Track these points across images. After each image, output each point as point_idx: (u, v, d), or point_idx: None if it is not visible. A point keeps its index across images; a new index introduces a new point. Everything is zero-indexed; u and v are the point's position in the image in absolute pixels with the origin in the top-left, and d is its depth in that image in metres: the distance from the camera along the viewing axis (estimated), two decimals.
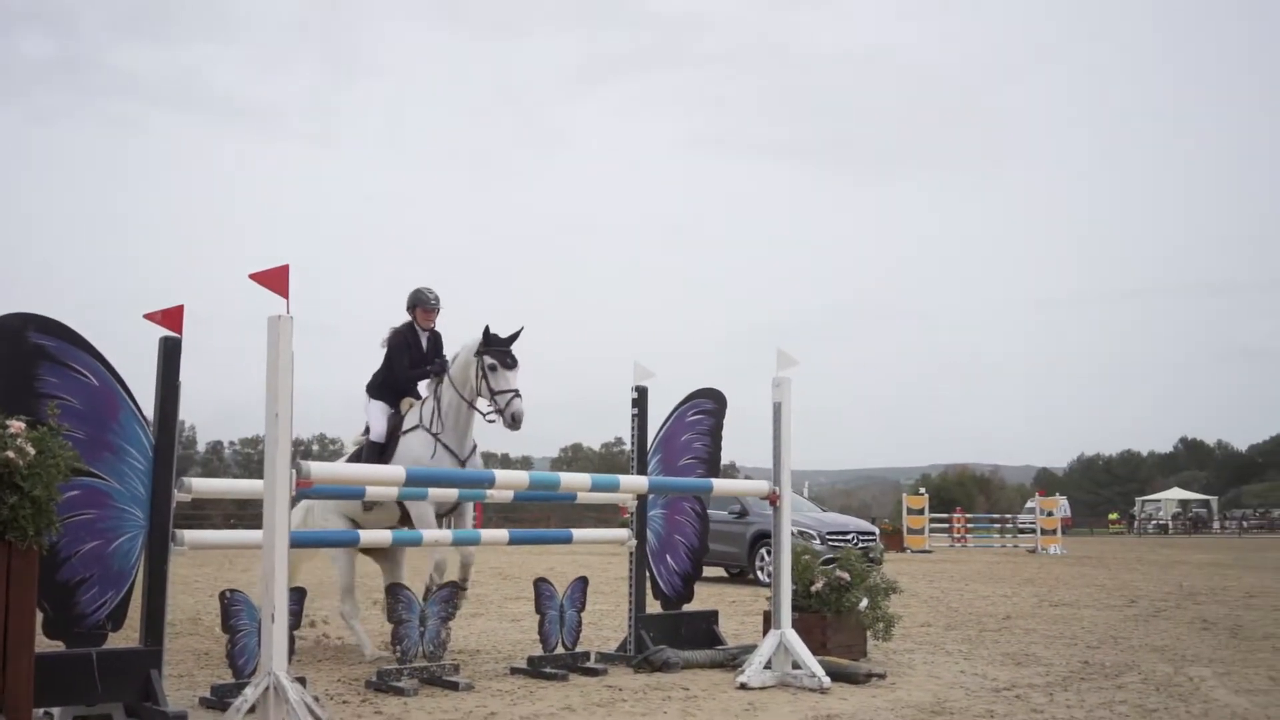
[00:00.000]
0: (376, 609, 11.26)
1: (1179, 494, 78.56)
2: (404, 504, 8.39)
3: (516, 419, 8.16)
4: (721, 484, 8.55)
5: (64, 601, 5.91)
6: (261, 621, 5.70)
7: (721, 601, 13.70)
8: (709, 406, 9.14)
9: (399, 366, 9.01)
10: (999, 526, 42.90)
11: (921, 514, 35.08)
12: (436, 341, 9.18)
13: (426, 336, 9.15)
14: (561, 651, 8.11)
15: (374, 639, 9.11)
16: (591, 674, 7.93)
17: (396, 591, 7.40)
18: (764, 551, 18.03)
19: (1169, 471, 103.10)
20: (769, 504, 8.17)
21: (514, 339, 8.42)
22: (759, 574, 18.21)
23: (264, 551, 5.61)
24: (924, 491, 38.37)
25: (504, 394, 8.22)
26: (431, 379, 8.87)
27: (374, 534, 7.76)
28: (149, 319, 6.37)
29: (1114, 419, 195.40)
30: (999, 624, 11.76)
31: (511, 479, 7.21)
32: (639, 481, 7.99)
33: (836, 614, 8.75)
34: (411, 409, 8.91)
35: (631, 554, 8.65)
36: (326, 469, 6.05)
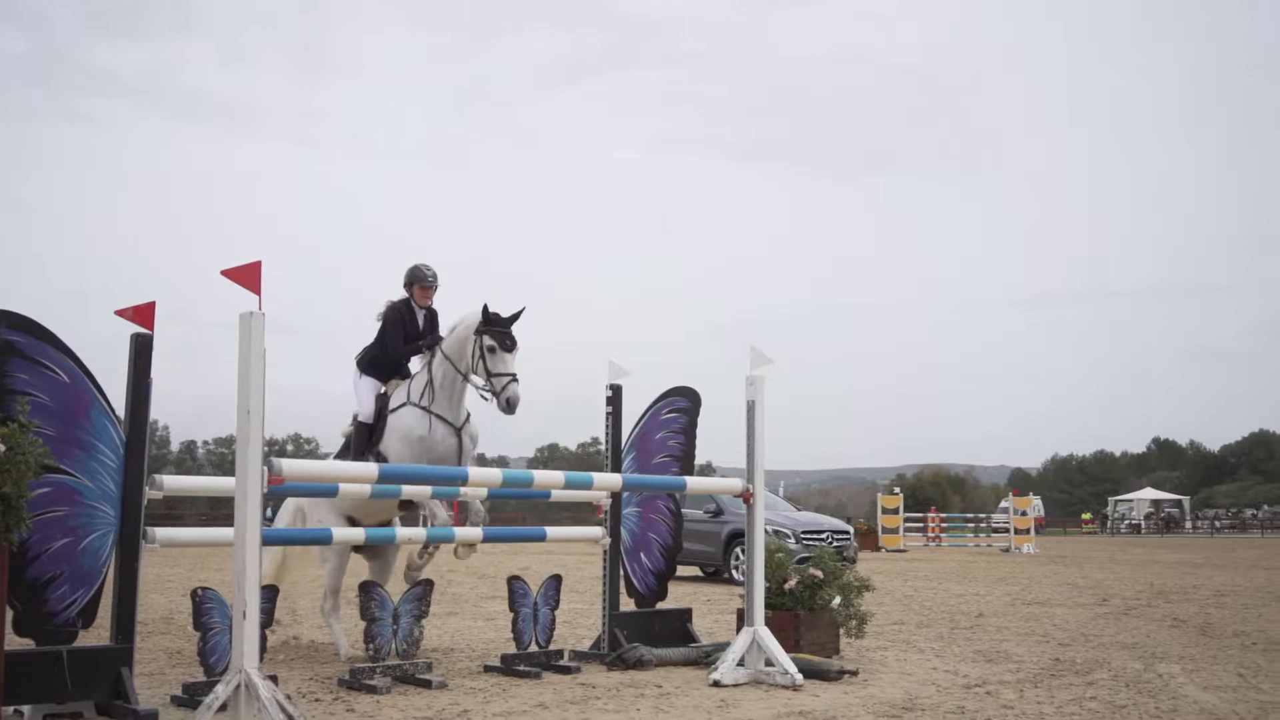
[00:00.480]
0: (353, 609, 11.21)
1: (1152, 494, 78.99)
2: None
3: (512, 404, 8.03)
4: (695, 482, 8.56)
5: (34, 599, 5.88)
6: (233, 619, 5.68)
7: (696, 600, 13.73)
8: (683, 405, 9.16)
9: (393, 342, 8.81)
10: (973, 526, 43.15)
11: (896, 513, 35.20)
12: (433, 319, 8.98)
13: (423, 314, 8.96)
14: (535, 649, 8.12)
15: (350, 639, 9.09)
16: (565, 672, 7.94)
17: (370, 589, 7.38)
18: (739, 550, 18.06)
19: (1142, 472, 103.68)
20: (743, 502, 8.19)
21: (514, 319, 8.27)
22: (734, 573, 18.25)
23: (235, 549, 5.60)
24: (899, 491, 38.49)
25: (501, 377, 8.08)
26: (424, 353, 8.69)
27: (347, 532, 7.75)
28: (120, 315, 6.35)
29: (1088, 420, 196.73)
30: (971, 622, 11.82)
31: (485, 476, 7.21)
32: (613, 479, 8.00)
33: (810, 612, 8.79)
34: (398, 387, 8.73)
35: (606, 552, 8.67)
36: (298, 466, 6.04)
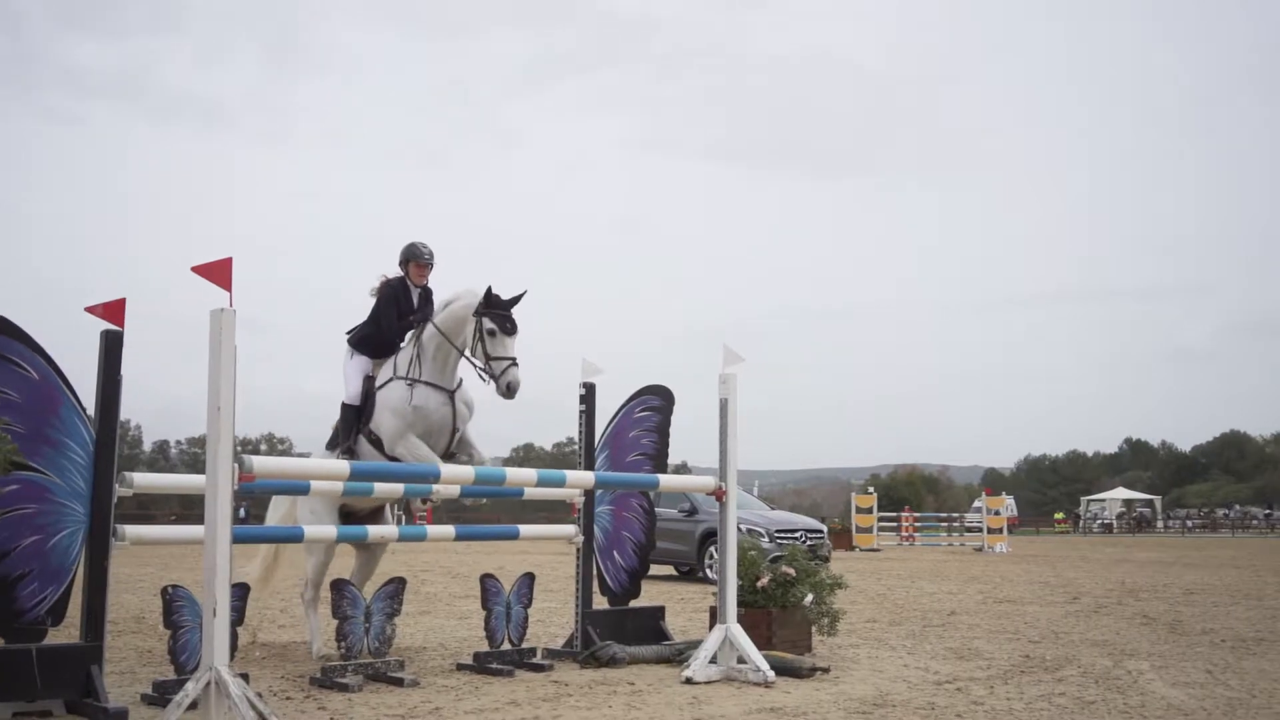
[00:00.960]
0: (325, 607, 11.18)
1: (1123, 494, 79.43)
2: (397, 456, 8.13)
3: (512, 389, 7.92)
4: (668, 480, 8.57)
5: (2, 597, 5.86)
6: (203, 617, 5.66)
7: (670, 599, 13.75)
8: (656, 403, 9.17)
9: (386, 318, 8.66)
10: (946, 526, 43.35)
11: (870, 513, 35.33)
12: (427, 298, 8.82)
13: (418, 292, 8.80)
14: (508, 647, 8.12)
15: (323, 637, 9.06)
16: (538, 669, 7.94)
17: (341, 588, 7.37)
18: (713, 549, 18.08)
19: (1114, 472, 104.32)
20: (716, 500, 8.21)
21: (516, 302, 8.15)
22: (708, 571, 18.28)
23: (205, 546, 5.58)
24: (873, 491, 38.67)
25: (501, 361, 7.96)
26: (415, 327, 8.56)
27: (317, 530, 7.73)
28: (90, 312, 6.33)
29: (1061, 420, 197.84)
30: (943, 620, 11.88)
31: (457, 473, 7.20)
32: (585, 477, 8.00)
33: (782, 609, 8.82)
34: (384, 365, 8.61)
35: (579, 550, 8.67)
36: (269, 463, 6.02)
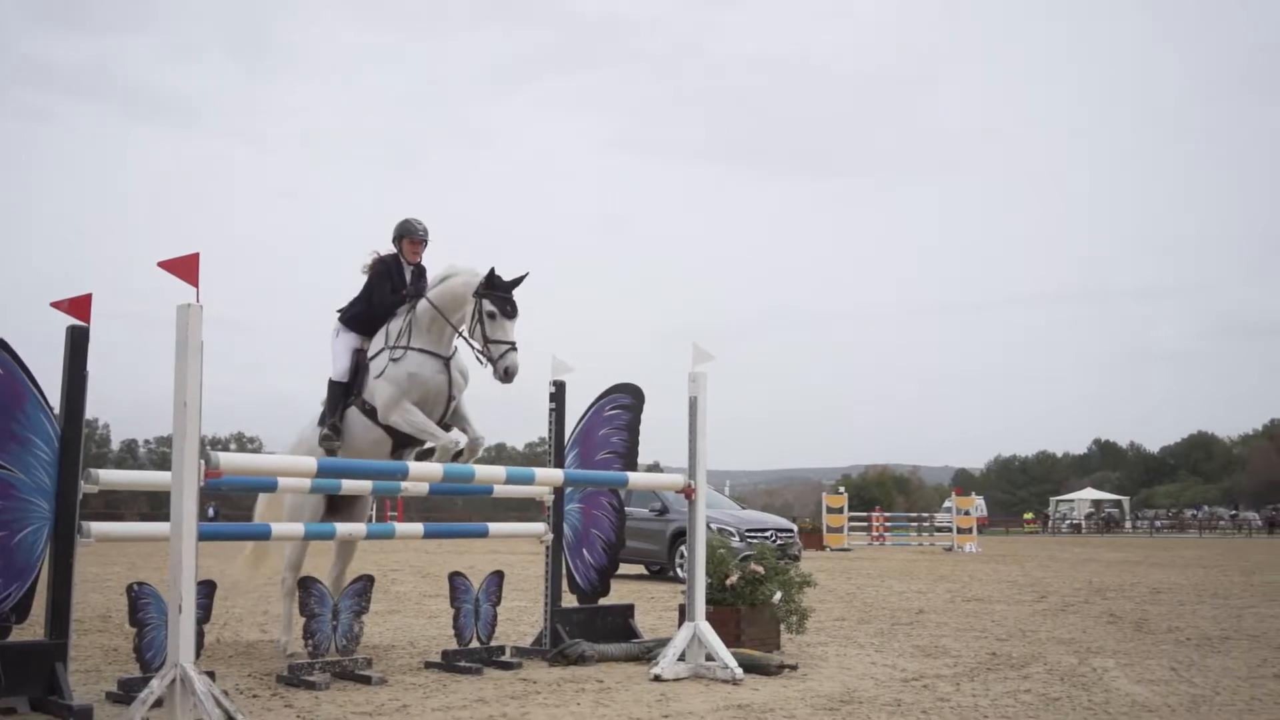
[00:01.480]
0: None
1: (1092, 494, 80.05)
2: (392, 427, 8.04)
3: (510, 373, 7.80)
4: (637, 478, 8.58)
5: None
6: (169, 614, 5.64)
7: (641, 598, 13.75)
8: (626, 401, 9.18)
9: (379, 293, 8.51)
10: (916, 525, 43.55)
11: (841, 513, 35.47)
12: (420, 275, 8.68)
13: (411, 270, 8.68)
14: (476, 645, 8.11)
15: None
16: (506, 667, 7.94)
17: (309, 585, 7.34)
18: (683, 548, 18.09)
19: (1083, 472, 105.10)
20: (685, 498, 8.22)
21: (518, 284, 8.00)
22: (678, 570, 18.31)
23: (171, 543, 5.55)
24: (843, 491, 38.80)
25: (499, 344, 7.82)
26: (409, 301, 8.40)
27: (285, 527, 7.70)
28: (56, 307, 6.29)
29: (1030, 421, 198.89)
30: (911, 618, 11.94)
31: (425, 471, 7.19)
32: (554, 474, 8.00)
33: (751, 607, 8.84)
34: (376, 335, 8.45)
35: (548, 548, 8.67)
36: (236, 460, 6.00)
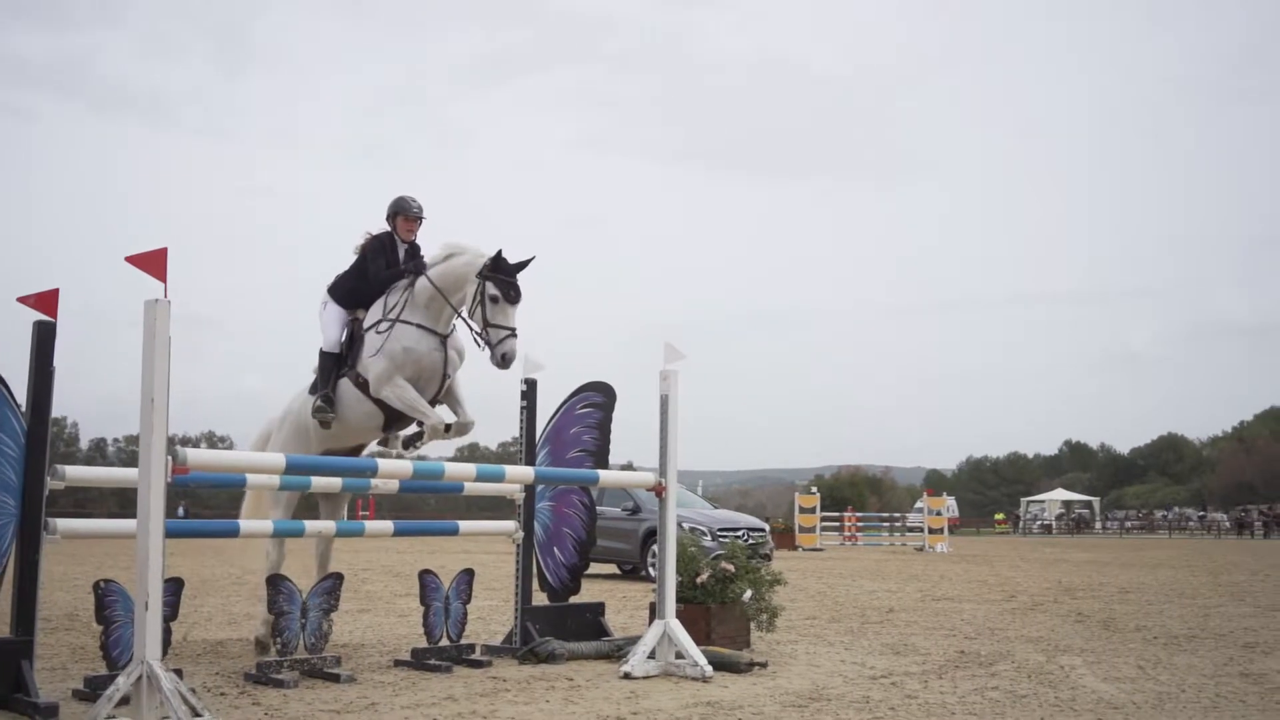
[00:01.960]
0: (258, 603, 11.09)
1: (1063, 495, 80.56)
2: (384, 402, 7.94)
3: (508, 359, 7.67)
4: (609, 475, 8.59)
5: None
6: (135, 611, 5.60)
7: (613, 597, 13.77)
8: (598, 400, 9.18)
9: (374, 268, 8.30)
10: (888, 526, 43.71)
11: (813, 513, 35.54)
12: (414, 254, 8.46)
13: (405, 248, 8.47)
14: (446, 644, 8.09)
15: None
16: (476, 666, 7.92)
17: (277, 583, 7.31)
18: (656, 548, 18.12)
19: (1054, 473, 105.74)
20: (656, 496, 8.24)
21: (523, 267, 7.85)
22: (650, 570, 18.31)
23: (138, 539, 5.52)
24: (816, 491, 38.87)
25: (499, 329, 7.68)
26: (407, 277, 8.21)
27: (254, 524, 7.66)
28: (22, 302, 6.25)
29: (1002, 422, 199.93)
30: (881, 617, 11.98)
31: (395, 468, 7.17)
32: (525, 472, 7.99)
33: (721, 605, 8.86)
34: (373, 307, 8.27)
35: (519, 546, 8.66)
36: (204, 456, 5.97)
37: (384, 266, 8.33)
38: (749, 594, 8.97)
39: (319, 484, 7.60)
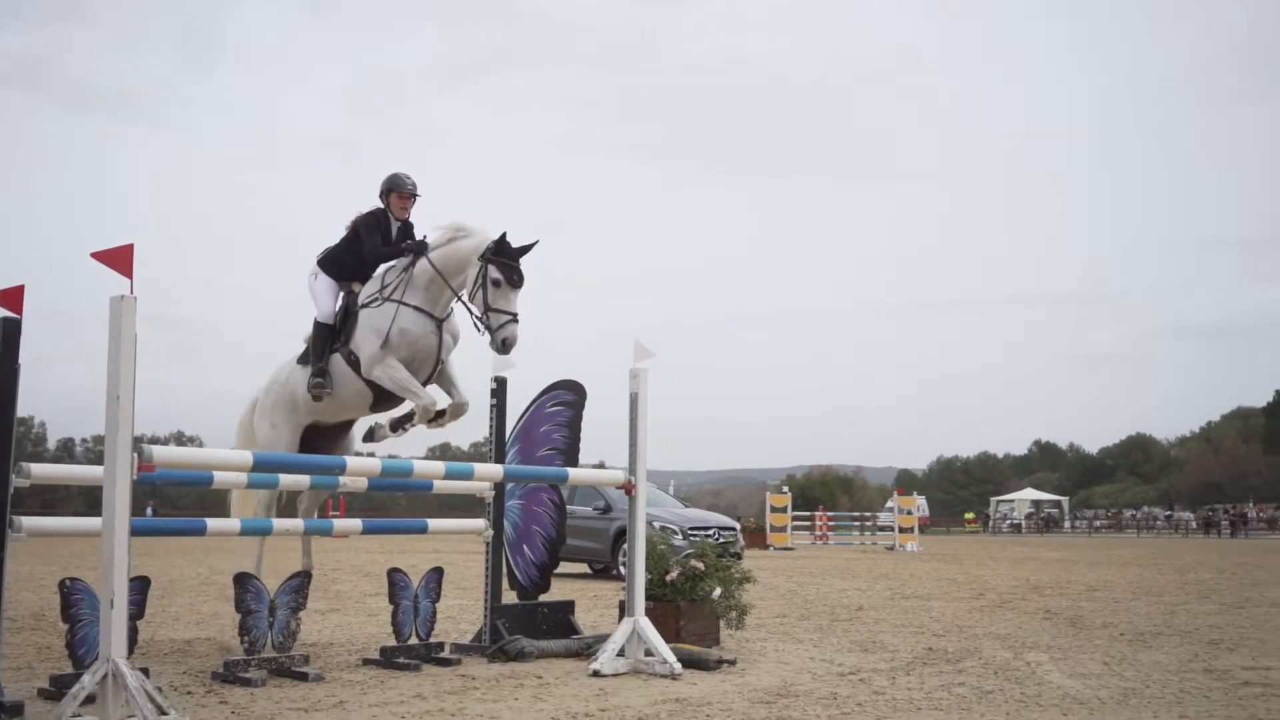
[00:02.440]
0: (226, 603, 11.04)
1: (1032, 494, 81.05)
2: (375, 382, 7.81)
3: (508, 345, 7.55)
4: (578, 474, 8.59)
5: None
6: (101, 609, 5.57)
7: (584, 596, 13.76)
8: (568, 398, 9.18)
9: (370, 243, 8.12)
10: (859, 525, 43.86)
11: (784, 512, 35.61)
12: (408, 232, 8.34)
13: (398, 226, 8.32)
14: (415, 642, 8.08)
15: (226, 634, 8.95)
16: (445, 664, 7.91)
17: (244, 581, 7.28)
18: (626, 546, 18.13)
19: (1023, 473, 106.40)
20: (625, 494, 8.25)
21: (527, 251, 7.69)
22: (621, 569, 18.28)
23: (103, 537, 5.49)
24: (787, 490, 38.99)
25: (500, 314, 7.53)
26: (406, 257, 8.03)
27: (222, 522, 7.63)
28: None
29: (972, 422, 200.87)
30: (851, 614, 12.03)
31: (363, 466, 7.15)
32: (494, 469, 7.99)
33: (691, 603, 8.88)
34: (369, 283, 8.15)
35: (488, 544, 8.65)
36: (170, 453, 5.94)
37: (379, 243, 8.17)
38: (718, 592, 9.00)
39: (287, 481, 7.56)
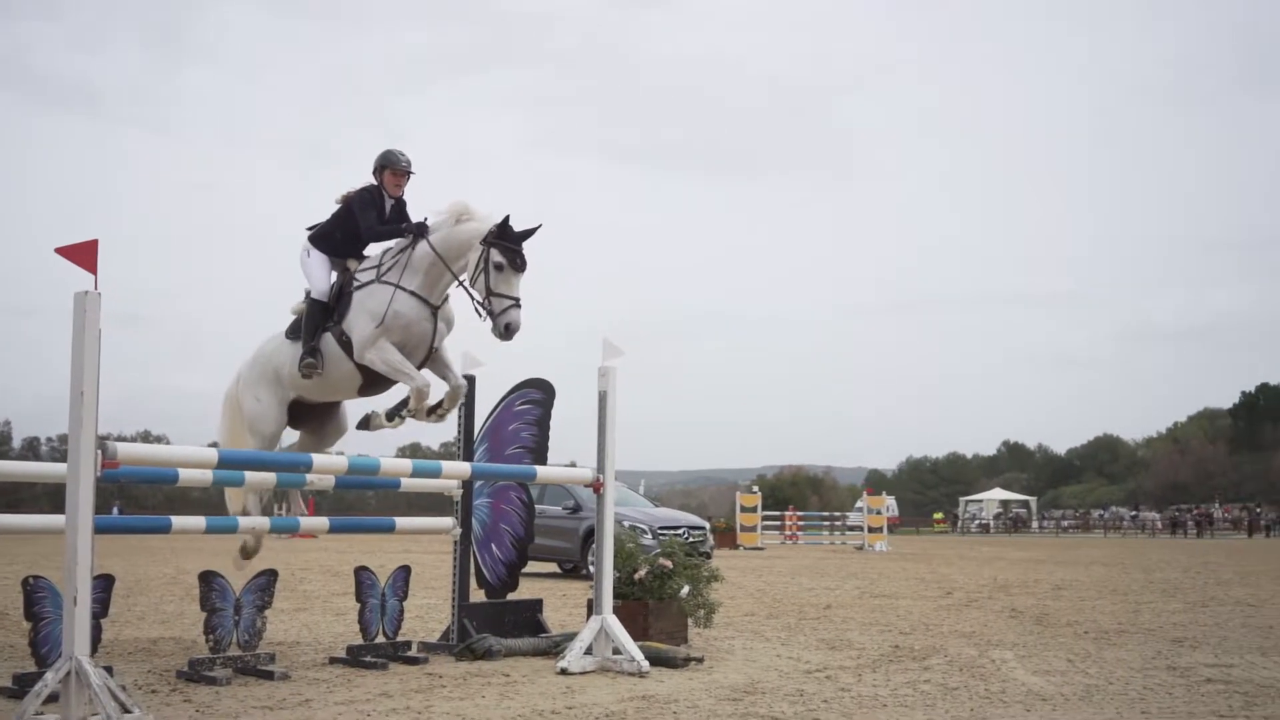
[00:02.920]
0: (192, 602, 10.98)
1: (1001, 494, 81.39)
2: (367, 366, 7.67)
3: (511, 330, 7.37)
4: (545, 472, 8.59)
5: None
6: (64, 606, 5.53)
7: (552, 595, 13.76)
8: (537, 396, 9.17)
9: (365, 222, 7.94)
10: (829, 525, 43.98)
11: (754, 512, 35.69)
12: (401, 210, 8.14)
13: (392, 204, 8.11)
14: (382, 641, 8.05)
15: (191, 632, 8.89)
16: (412, 663, 7.89)
17: (210, 579, 7.24)
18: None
19: (992, 473, 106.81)
20: (594, 492, 8.24)
21: (530, 235, 7.54)
22: (590, 568, 18.28)
23: (67, 534, 5.45)
24: (757, 490, 39.07)
25: (503, 299, 7.37)
26: (405, 238, 7.87)
27: (187, 520, 7.57)
28: None
29: (941, 422, 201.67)
30: (819, 613, 12.08)
31: (330, 463, 7.13)
32: (461, 467, 7.97)
33: (659, 601, 8.89)
34: (365, 263, 8.00)
35: (456, 542, 8.64)
36: (134, 450, 5.90)
37: (375, 220, 8.00)
38: (686, 590, 9.01)
39: (252, 480, 7.51)
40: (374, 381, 7.96)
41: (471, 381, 8.68)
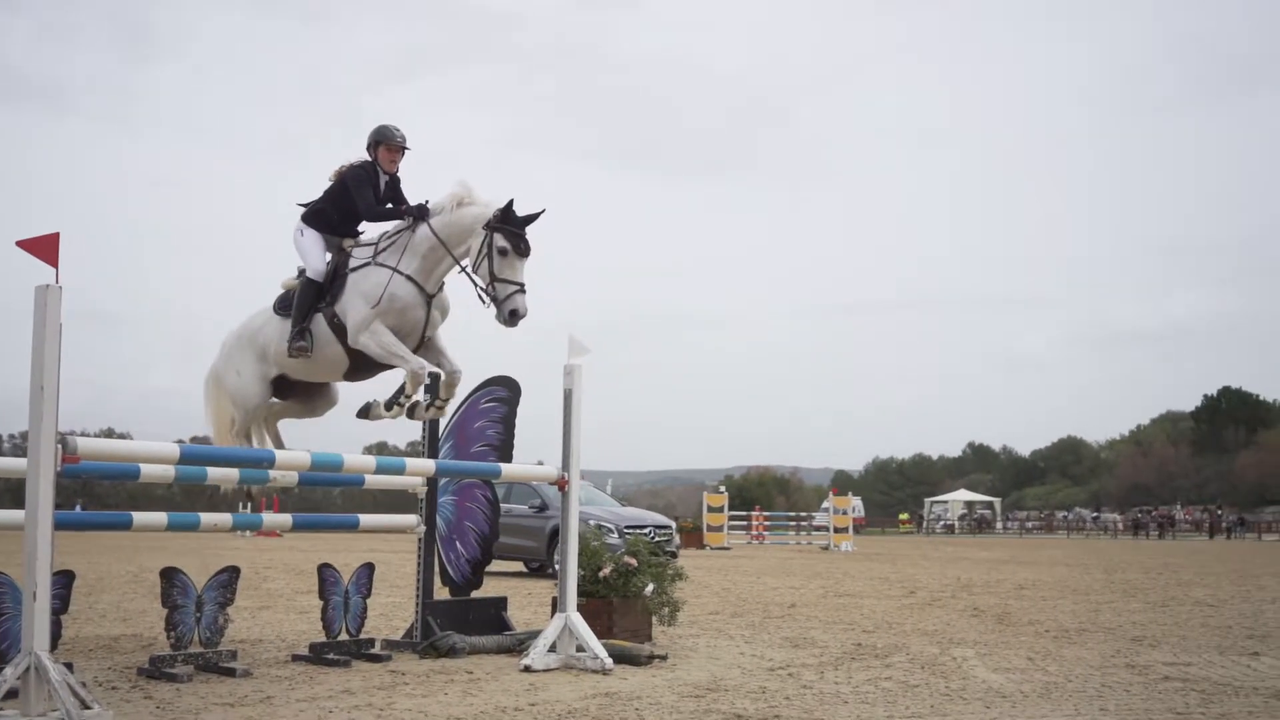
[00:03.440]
0: (154, 600, 10.92)
1: (965, 495, 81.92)
2: (359, 349, 7.52)
3: (516, 316, 7.25)
4: (510, 469, 8.59)
5: None
6: (24, 601, 5.50)
7: (518, 593, 13.75)
8: (503, 394, 9.17)
9: (363, 200, 7.75)
10: (795, 525, 44.15)
11: (721, 512, 35.77)
12: (396, 187, 7.97)
13: (386, 180, 7.93)
14: (345, 638, 8.04)
15: (154, 630, 8.84)
16: (375, 660, 7.88)
17: (171, 576, 7.21)
18: None
19: (957, 474, 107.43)
20: (559, 490, 8.26)
21: (533, 220, 7.44)
22: (557, 567, 18.31)
23: (26, 528, 5.42)
24: (724, 490, 39.16)
25: (507, 284, 7.25)
26: (405, 220, 7.73)
27: (148, 516, 7.53)
28: None
29: (907, 424, 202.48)
30: (783, 611, 12.13)
31: (292, 459, 7.10)
32: (425, 464, 7.97)
33: (623, 599, 8.91)
34: (361, 244, 7.88)
35: (420, 540, 8.63)
36: (95, 444, 5.87)
37: (372, 199, 7.82)
38: (651, 588, 9.04)
39: (215, 475, 7.47)
40: (361, 366, 7.83)
41: (435, 378, 8.45)
